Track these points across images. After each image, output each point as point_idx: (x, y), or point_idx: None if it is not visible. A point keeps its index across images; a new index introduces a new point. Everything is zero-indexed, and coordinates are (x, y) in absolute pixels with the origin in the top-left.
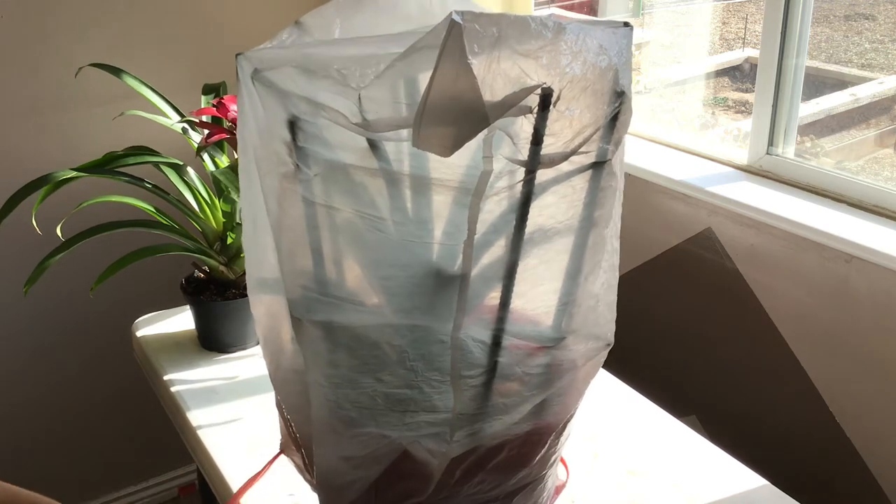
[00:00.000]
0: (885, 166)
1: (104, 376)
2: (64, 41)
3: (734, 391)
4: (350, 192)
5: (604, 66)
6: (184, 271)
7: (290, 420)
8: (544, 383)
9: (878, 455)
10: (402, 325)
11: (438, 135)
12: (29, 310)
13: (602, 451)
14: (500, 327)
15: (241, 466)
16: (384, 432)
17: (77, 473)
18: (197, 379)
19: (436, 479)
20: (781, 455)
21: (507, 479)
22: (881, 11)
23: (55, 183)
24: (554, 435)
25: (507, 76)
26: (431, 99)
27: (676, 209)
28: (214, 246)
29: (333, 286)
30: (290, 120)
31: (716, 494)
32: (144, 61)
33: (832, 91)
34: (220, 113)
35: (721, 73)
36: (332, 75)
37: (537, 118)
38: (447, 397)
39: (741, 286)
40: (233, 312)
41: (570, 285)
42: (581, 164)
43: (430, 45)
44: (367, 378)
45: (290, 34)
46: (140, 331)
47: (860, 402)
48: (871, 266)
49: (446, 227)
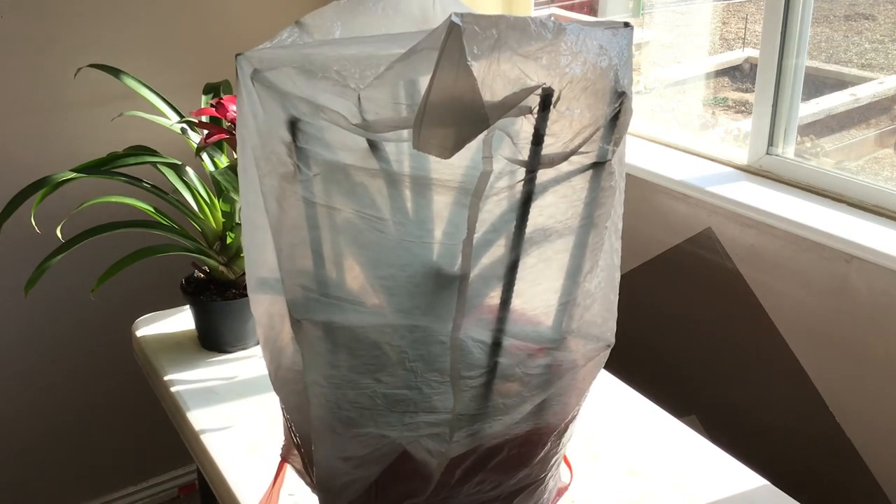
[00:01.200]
0: (885, 166)
1: (104, 376)
2: (64, 41)
3: (734, 391)
4: (350, 192)
5: (604, 67)
6: (184, 271)
7: (289, 420)
8: (544, 384)
9: (878, 455)
10: (402, 326)
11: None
12: (29, 310)
13: (602, 452)
14: (500, 328)
15: (241, 466)
16: (384, 433)
17: (77, 473)
18: (197, 379)
19: (435, 479)
20: (781, 455)
21: (507, 479)
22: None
23: (54, 184)
24: (554, 435)
25: (507, 77)
26: (431, 101)
27: (676, 209)
28: (214, 246)
29: (333, 286)
30: (290, 120)
31: (716, 494)
32: (144, 61)
33: (832, 91)
34: (220, 113)
35: (721, 73)
36: (332, 76)
37: (537, 118)
38: (447, 398)
39: (741, 286)
40: (233, 312)
41: (570, 285)
42: (581, 164)
43: (430, 46)
44: (367, 378)
45: (290, 34)
46: (140, 331)
47: (860, 402)
48: (871, 266)
49: (446, 228)
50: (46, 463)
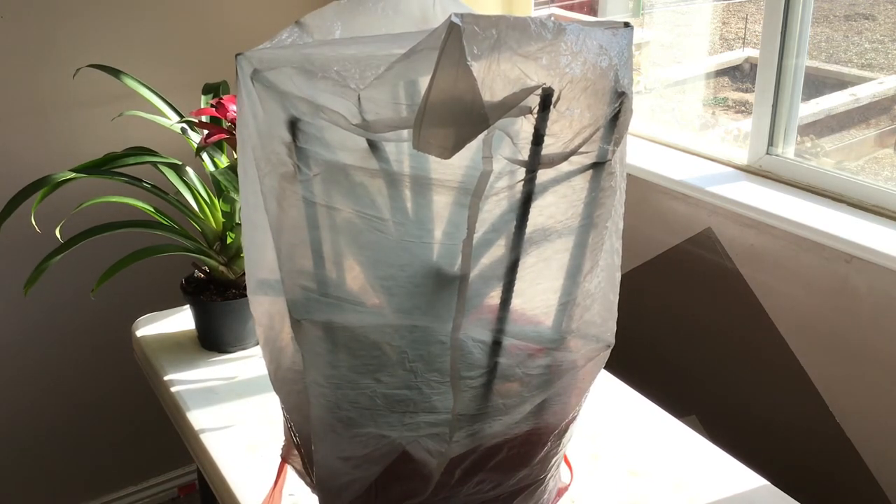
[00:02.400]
0: (885, 166)
1: (104, 376)
2: (64, 42)
3: (734, 391)
4: (350, 192)
5: (604, 67)
6: (184, 271)
7: (289, 420)
8: (544, 384)
9: (878, 455)
10: (402, 326)
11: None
12: (29, 310)
13: (602, 452)
14: (500, 328)
15: (241, 466)
16: (384, 432)
17: (77, 473)
18: (197, 379)
19: (435, 479)
20: (781, 455)
21: (507, 479)
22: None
23: (54, 184)
24: (554, 435)
25: (507, 77)
26: (432, 101)
27: (676, 209)
28: (214, 246)
29: (333, 286)
30: (290, 120)
31: (716, 494)
32: (144, 61)
33: (832, 91)
34: (219, 113)
35: (721, 73)
36: (332, 76)
37: (538, 118)
38: (447, 398)
39: (741, 286)
40: (233, 312)
41: (570, 285)
42: (581, 164)
43: (430, 46)
44: (367, 378)
45: (291, 34)
46: (140, 331)
47: (860, 402)
48: (871, 266)
49: (446, 228)
50: (46, 463)
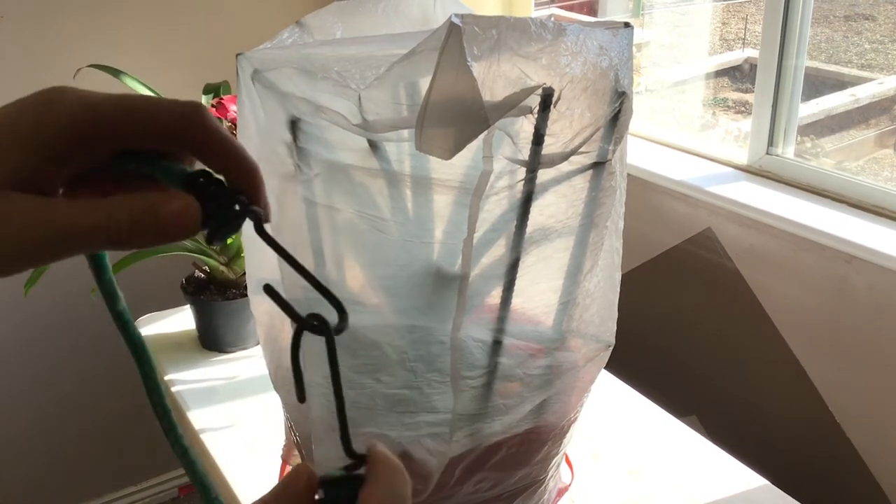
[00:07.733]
0: (884, 166)
1: (104, 376)
2: (64, 42)
3: (734, 391)
4: (350, 192)
5: (604, 67)
6: (184, 271)
7: (289, 420)
8: (545, 384)
9: (878, 455)
10: (402, 326)
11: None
12: (29, 310)
13: (602, 452)
14: (500, 327)
15: (241, 466)
16: (384, 433)
17: (77, 473)
18: (197, 379)
19: (435, 478)
20: (781, 455)
21: (507, 478)
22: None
23: None
24: (555, 435)
25: (508, 77)
26: (432, 101)
27: (676, 209)
28: (214, 246)
29: (333, 286)
30: (291, 120)
31: (716, 494)
32: (144, 61)
33: (832, 91)
34: (220, 113)
35: (721, 73)
36: (332, 76)
37: (538, 118)
38: (447, 398)
39: (741, 286)
40: (233, 312)
41: (570, 285)
42: (581, 164)
43: (431, 47)
44: (367, 378)
45: (291, 34)
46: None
47: (860, 402)
48: (871, 266)
49: (446, 227)
50: (46, 462)
